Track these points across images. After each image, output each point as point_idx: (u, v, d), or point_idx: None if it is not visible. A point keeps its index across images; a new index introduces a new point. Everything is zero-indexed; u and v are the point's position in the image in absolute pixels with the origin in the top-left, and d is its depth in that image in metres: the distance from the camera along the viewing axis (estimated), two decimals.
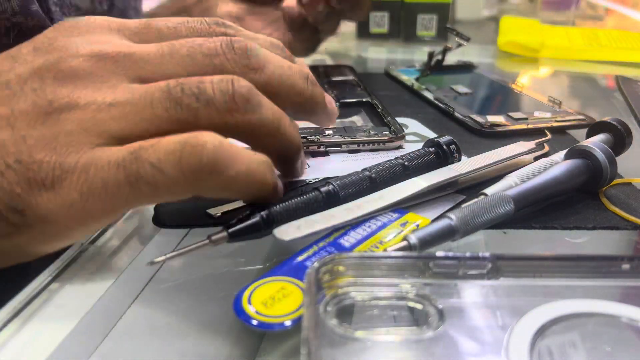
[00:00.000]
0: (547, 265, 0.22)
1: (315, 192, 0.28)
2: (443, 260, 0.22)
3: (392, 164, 0.30)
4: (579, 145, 0.31)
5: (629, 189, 0.32)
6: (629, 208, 0.30)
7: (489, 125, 0.40)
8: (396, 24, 0.72)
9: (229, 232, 0.24)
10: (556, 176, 0.29)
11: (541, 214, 0.29)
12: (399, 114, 0.44)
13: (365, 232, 0.26)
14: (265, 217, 0.25)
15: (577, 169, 0.30)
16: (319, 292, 0.21)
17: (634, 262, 0.22)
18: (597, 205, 0.30)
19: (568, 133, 0.40)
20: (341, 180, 0.29)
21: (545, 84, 0.64)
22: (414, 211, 0.28)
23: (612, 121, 0.35)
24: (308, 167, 0.34)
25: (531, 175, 0.30)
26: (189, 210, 0.28)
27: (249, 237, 0.25)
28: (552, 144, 0.37)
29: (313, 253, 0.24)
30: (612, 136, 0.35)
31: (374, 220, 0.27)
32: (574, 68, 0.66)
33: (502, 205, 0.26)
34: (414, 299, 0.21)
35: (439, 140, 0.32)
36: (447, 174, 0.30)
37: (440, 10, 0.70)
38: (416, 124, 0.42)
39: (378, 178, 0.30)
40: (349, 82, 0.51)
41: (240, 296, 0.21)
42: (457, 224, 0.25)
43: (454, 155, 0.32)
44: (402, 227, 0.26)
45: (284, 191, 0.26)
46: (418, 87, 0.49)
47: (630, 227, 0.28)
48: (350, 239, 0.25)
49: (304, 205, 0.27)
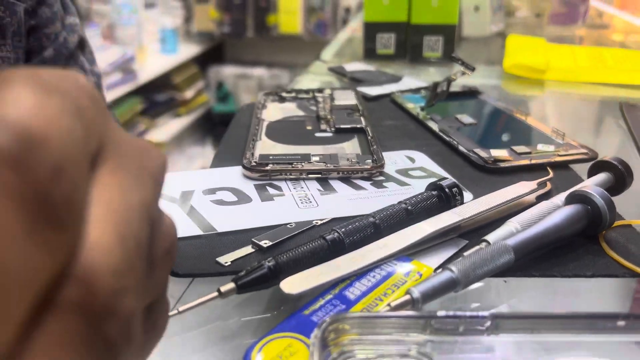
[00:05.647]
0: (545, 322, 0.23)
1: (321, 240, 0.29)
2: (444, 319, 0.22)
3: (395, 209, 0.31)
4: (578, 190, 0.32)
5: (629, 232, 0.32)
6: (627, 253, 0.30)
7: (492, 161, 0.40)
8: (402, 45, 0.73)
9: (238, 285, 0.26)
10: (556, 223, 0.30)
11: (541, 260, 0.29)
12: (405, 146, 0.45)
13: (370, 282, 0.27)
14: (272, 268, 0.26)
15: (576, 215, 0.30)
16: (325, 349, 0.22)
17: (629, 319, 0.23)
18: (596, 250, 0.31)
19: (571, 168, 0.41)
20: (346, 227, 0.30)
21: (550, 109, 0.64)
22: (418, 258, 0.29)
23: (613, 160, 0.36)
24: (317, 205, 0.35)
25: (532, 221, 0.31)
26: (200, 259, 0.29)
27: (257, 288, 0.26)
28: (555, 180, 0.38)
29: (319, 307, 0.25)
30: (612, 175, 0.36)
31: (378, 269, 0.28)
32: (580, 90, 0.66)
33: (502, 256, 0.27)
34: (416, 356, 0.22)
35: (441, 183, 0.33)
36: (450, 219, 0.31)
37: (446, 32, 0.71)
38: (422, 158, 0.42)
39: (382, 224, 0.31)
40: (350, 107, 0.52)
41: (249, 354, 0.22)
42: (459, 276, 0.26)
43: (456, 198, 0.33)
44: (405, 278, 0.27)
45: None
46: (423, 116, 0.50)
47: (629, 275, 0.29)
48: (355, 291, 0.26)
49: (310, 254, 0.28)
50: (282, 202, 0.35)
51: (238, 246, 0.30)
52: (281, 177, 0.38)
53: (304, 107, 0.53)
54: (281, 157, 0.40)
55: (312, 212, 0.34)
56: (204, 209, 0.34)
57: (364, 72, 0.67)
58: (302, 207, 0.35)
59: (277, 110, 0.52)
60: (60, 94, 0.12)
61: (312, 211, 0.34)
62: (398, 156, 0.43)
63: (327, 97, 0.55)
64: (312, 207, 0.35)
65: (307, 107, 0.53)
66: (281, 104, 0.54)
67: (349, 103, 0.53)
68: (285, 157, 0.40)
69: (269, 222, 0.33)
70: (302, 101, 0.54)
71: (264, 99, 0.55)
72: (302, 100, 0.55)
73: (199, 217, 0.33)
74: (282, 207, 0.35)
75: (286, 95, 0.56)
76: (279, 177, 0.38)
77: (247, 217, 0.33)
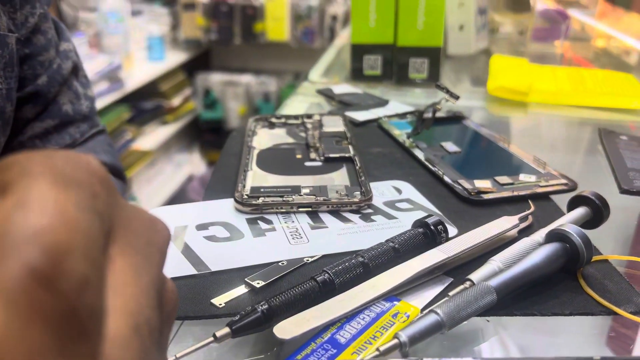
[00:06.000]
0: None
1: (312, 282, 0.30)
2: None
3: (384, 249, 0.33)
4: (557, 229, 0.33)
5: (606, 267, 0.34)
6: (604, 289, 0.32)
7: (475, 193, 0.42)
8: (389, 66, 0.74)
9: (233, 329, 0.27)
10: (536, 263, 0.31)
11: (522, 298, 0.31)
12: (392, 175, 0.46)
13: (360, 325, 0.28)
14: (265, 312, 0.27)
15: (555, 253, 0.32)
16: None
17: None
18: (575, 287, 0.32)
19: (551, 198, 0.43)
20: (336, 267, 0.31)
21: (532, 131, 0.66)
22: (405, 297, 0.30)
23: (591, 196, 0.37)
24: (307, 241, 0.36)
25: (514, 259, 0.32)
26: (194, 300, 0.30)
27: (251, 331, 0.27)
28: (536, 212, 0.40)
29: (311, 351, 0.26)
30: (590, 210, 0.38)
31: (367, 310, 0.29)
32: (561, 112, 0.68)
33: (485, 297, 0.29)
34: None
35: (427, 220, 0.35)
36: (436, 258, 0.32)
37: (431, 54, 0.72)
38: (409, 189, 0.44)
39: (371, 263, 0.32)
40: (338, 135, 0.53)
41: None
42: (444, 318, 0.27)
43: (441, 235, 0.34)
44: (393, 320, 0.28)
45: None
46: (410, 144, 0.51)
47: (604, 313, 0.30)
48: (345, 334, 0.27)
49: (302, 296, 0.29)
50: (273, 238, 0.36)
51: (231, 285, 0.31)
52: (272, 210, 0.39)
53: (293, 134, 0.54)
54: (272, 189, 0.42)
55: (302, 248, 0.35)
56: (198, 247, 0.35)
57: (352, 94, 0.68)
58: (293, 243, 0.36)
59: (267, 137, 0.53)
60: (77, 186, 0.13)
61: (302, 247, 0.35)
62: (385, 187, 0.44)
63: (315, 124, 0.56)
64: (303, 242, 0.36)
65: (296, 133, 0.54)
66: (271, 130, 0.55)
67: (337, 130, 0.54)
68: (276, 189, 0.42)
69: (261, 260, 0.34)
70: (292, 127, 0.56)
71: (254, 125, 0.56)
72: (291, 126, 0.56)
73: (193, 255, 0.34)
74: (274, 243, 0.36)
75: (276, 122, 0.57)
76: (270, 211, 0.39)
77: (240, 254, 0.34)
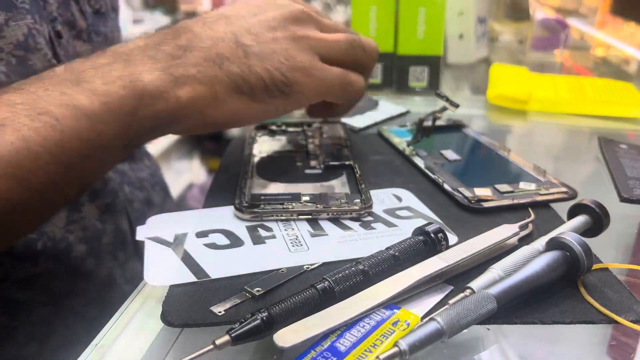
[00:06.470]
0: None
1: (312, 289, 0.30)
2: None
3: (384, 256, 0.33)
4: (557, 237, 0.33)
5: (606, 275, 0.34)
6: (604, 298, 0.32)
7: (476, 201, 0.42)
8: (389, 74, 0.74)
9: (232, 337, 0.27)
10: (536, 271, 0.31)
11: (522, 306, 0.31)
12: (392, 183, 0.46)
13: (360, 333, 0.28)
14: (265, 320, 0.27)
15: (555, 262, 0.32)
16: None
17: None
18: (575, 295, 0.32)
19: (551, 207, 0.43)
20: (336, 275, 0.31)
21: (531, 139, 0.66)
22: (405, 305, 0.30)
23: (591, 204, 0.37)
24: (307, 249, 0.36)
25: (514, 267, 0.32)
26: (194, 307, 0.30)
27: (251, 339, 0.27)
28: (536, 221, 0.39)
29: (311, 359, 0.26)
30: (590, 218, 0.38)
31: (367, 318, 0.29)
32: (561, 120, 0.68)
33: (485, 306, 0.29)
34: None
35: (427, 228, 0.35)
36: (436, 266, 0.32)
37: (431, 62, 0.73)
38: (409, 197, 0.44)
39: (371, 271, 0.32)
40: (337, 142, 0.53)
41: None
42: (444, 327, 0.27)
43: (441, 243, 0.34)
44: (394, 328, 0.28)
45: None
46: (410, 152, 0.52)
47: (605, 321, 0.30)
48: (346, 342, 0.27)
49: (302, 304, 0.29)
50: (273, 245, 0.36)
51: (231, 293, 0.31)
52: (272, 218, 0.39)
53: (293, 142, 0.54)
54: (272, 197, 0.42)
55: (302, 256, 0.35)
56: (197, 254, 0.35)
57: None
58: (293, 251, 0.36)
59: (268, 144, 0.53)
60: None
61: (302, 255, 0.35)
62: (385, 194, 0.44)
63: (316, 131, 0.56)
64: (303, 250, 0.36)
65: (296, 141, 0.54)
66: (271, 137, 0.55)
67: (337, 137, 0.54)
68: (276, 197, 0.42)
69: (261, 268, 0.34)
70: (292, 135, 0.56)
71: (255, 132, 0.56)
72: (291, 134, 0.56)
73: (193, 262, 0.34)
74: (274, 251, 0.36)
75: (276, 129, 0.57)
76: (270, 219, 0.39)
77: (240, 262, 0.34)
